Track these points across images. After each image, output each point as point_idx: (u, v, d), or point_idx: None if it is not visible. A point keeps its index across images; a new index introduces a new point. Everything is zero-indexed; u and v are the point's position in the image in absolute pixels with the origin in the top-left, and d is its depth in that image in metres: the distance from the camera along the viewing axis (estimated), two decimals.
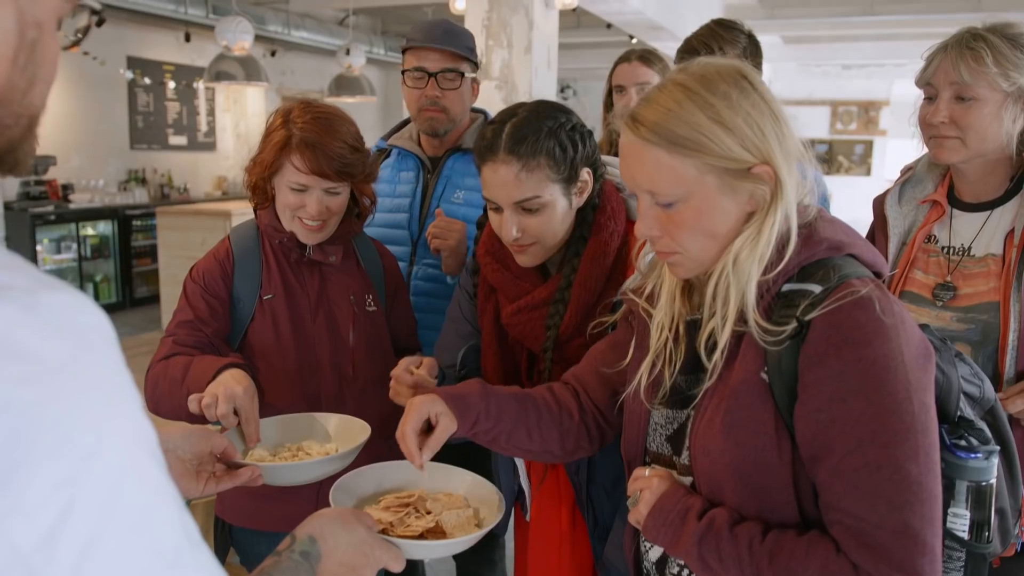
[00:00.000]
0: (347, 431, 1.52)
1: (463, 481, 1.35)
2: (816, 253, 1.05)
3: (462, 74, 2.11)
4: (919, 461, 0.95)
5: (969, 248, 1.68)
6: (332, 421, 1.57)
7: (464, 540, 1.18)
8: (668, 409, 1.17)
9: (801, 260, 1.04)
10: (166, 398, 1.58)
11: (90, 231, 7.97)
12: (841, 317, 0.98)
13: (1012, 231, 1.62)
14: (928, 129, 1.68)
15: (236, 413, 1.42)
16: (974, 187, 1.69)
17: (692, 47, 2.07)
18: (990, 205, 1.68)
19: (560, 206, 1.45)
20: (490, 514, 1.26)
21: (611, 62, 2.73)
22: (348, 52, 7.58)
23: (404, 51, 2.14)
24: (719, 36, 2.07)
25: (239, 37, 6.02)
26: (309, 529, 1.00)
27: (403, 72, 2.14)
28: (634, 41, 9.12)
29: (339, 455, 1.41)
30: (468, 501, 1.31)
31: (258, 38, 8.14)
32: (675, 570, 1.18)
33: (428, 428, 1.23)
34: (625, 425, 1.25)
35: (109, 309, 8.05)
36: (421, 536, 1.18)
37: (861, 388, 0.96)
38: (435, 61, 2.08)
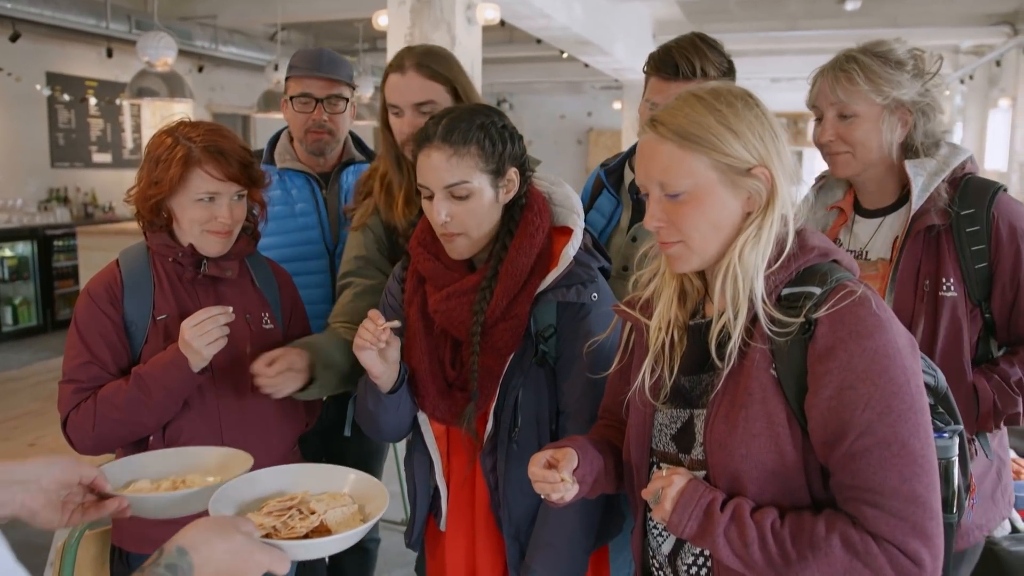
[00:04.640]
0: (232, 463, 1.47)
1: (347, 479, 1.36)
2: (810, 259, 1.17)
3: (346, 99, 2.28)
4: (920, 436, 1.08)
5: (865, 252, 1.80)
6: (216, 454, 1.52)
7: (348, 535, 1.17)
8: (672, 409, 1.27)
9: (799, 265, 1.17)
10: (123, 423, 1.62)
11: (8, 252, 7.70)
12: (845, 314, 1.09)
13: (898, 237, 1.75)
14: (822, 148, 1.80)
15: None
16: (872, 195, 1.82)
17: (671, 58, 1.93)
18: (884, 212, 1.80)
19: (487, 196, 1.54)
20: (375, 508, 1.26)
21: (544, 76, 2.45)
22: (277, 68, 7.48)
23: (288, 79, 2.29)
24: (702, 53, 1.93)
25: (161, 53, 5.91)
26: (180, 540, 0.95)
27: (290, 98, 2.25)
28: (564, 56, 9.22)
29: (211, 487, 1.35)
30: (353, 498, 1.31)
31: (185, 53, 7.99)
32: (688, 560, 1.24)
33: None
34: (630, 428, 1.34)
35: (29, 333, 7.79)
36: (306, 537, 1.17)
37: (867, 375, 1.07)
38: (322, 88, 2.23)
